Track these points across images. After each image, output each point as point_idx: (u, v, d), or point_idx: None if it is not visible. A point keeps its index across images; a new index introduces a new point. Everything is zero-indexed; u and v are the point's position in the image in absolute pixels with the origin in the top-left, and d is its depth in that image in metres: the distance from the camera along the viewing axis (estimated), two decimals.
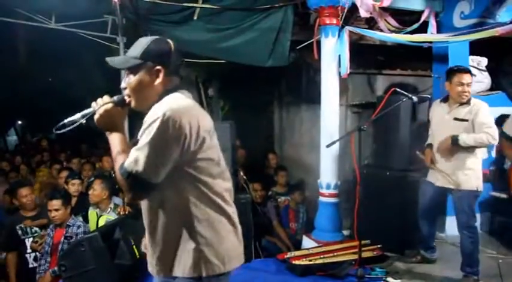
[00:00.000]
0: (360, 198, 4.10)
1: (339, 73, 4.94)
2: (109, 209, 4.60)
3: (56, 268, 4.08)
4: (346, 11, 4.79)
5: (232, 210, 2.05)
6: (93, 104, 1.97)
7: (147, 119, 1.84)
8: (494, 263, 4.51)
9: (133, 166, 1.79)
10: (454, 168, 4.11)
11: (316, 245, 4.88)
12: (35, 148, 12.08)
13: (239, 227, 2.09)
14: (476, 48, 5.47)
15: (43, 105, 15.23)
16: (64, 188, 5.54)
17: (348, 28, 4.85)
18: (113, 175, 6.25)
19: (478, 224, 4.54)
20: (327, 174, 5.03)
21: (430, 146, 4.33)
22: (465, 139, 3.96)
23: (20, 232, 4.74)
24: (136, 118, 2.17)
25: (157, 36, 2.04)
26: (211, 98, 8.72)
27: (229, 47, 5.25)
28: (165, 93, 1.96)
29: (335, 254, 4.50)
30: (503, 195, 5.32)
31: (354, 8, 4.88)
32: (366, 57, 6.10)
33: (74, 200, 5.33)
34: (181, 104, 1.89)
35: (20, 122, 21.88)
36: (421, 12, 5.27)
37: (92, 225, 4.57)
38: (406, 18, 5.55)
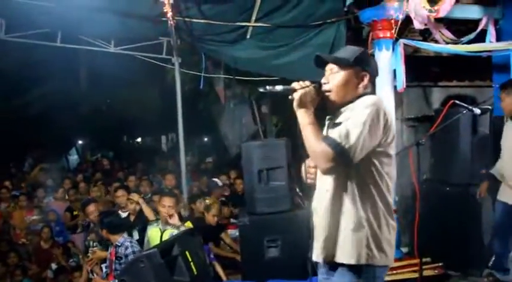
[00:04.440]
0: (419, 214, 3.98)
1: (394, 87, 4.86)
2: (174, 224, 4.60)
3: None
4: (399, 23, 4.72)
5: (392, 209, 2.22)
6: (295, 83, 2.15)
7: (357, 108, 2.10)
8: None
9: (344, 139, 1.99)
10: None
11: None
12: (94, 166, 12.54)
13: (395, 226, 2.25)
14: None
15: (102, 125, 15.82)
16: (120, 206, 5.72)
17: (402, 41, 4.78)
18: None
19: None
20: None
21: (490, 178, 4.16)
22: None
23: (86, 244, 5.00)
24: None
25: (363, 48, 2.35)
26: (265, 115, 8.78)
27: (282, 64, 5.30)
28: (363, 95, 2.21)
29: (394, 272, 4.38)
30: None
31: (407, 20, 4.80)
32: (420, 69, 5.96)
33: (132, 217, 5.51)
34: (382, 102, 2.18)
35: (80, 142, 22.80)
36: (477, 21, 5.12)
37: (155, 241, 4.60)
38: (462, 28, 5.40)
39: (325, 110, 2.32)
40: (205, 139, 20.02)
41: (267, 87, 2.15)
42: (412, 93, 6.19)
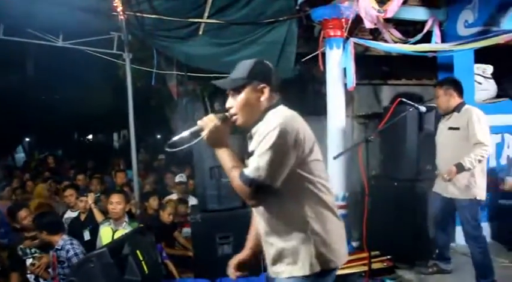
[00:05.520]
0: (368, 209, 4.08)
1: (345, 85, 4.95)
2: (124, 223, 4.54)
3: None
4: (350, 22, 4.82)
5: (336, 209, 2.21)
6: (200, 122, 2.10)
7: (262, 131, 2.04)
8: (507, 272, 4.46)
9: (255, 172, 1.96)
10: (457, 176, 4.08)
11: None
12: (42, 165, 12.14)
13: (343, 224, 2.25)
14: (481, 56, 5.47)
15: (50, 122, 15.33)
16: (69, 205, 5.57)
17: (352, 40, 4.87)
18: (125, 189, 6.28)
19: (487, 232, 4.50)
20: (335, 185, 5.01)
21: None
22: (468, 164, 3.94)
23: (20, 253, 4.66)
24: None
25: (258, 59, 2.24)
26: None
27: (234, 61, 5.25)
28: (269, 108, 2.15)
29: (345, 265, 4.44)
30: None
31: (358, 20, 4.90)
32: (370, 67, 6.11)
33: (82, 217, 5.38)
34: (290, 114, 2.11)
35: (27, 139, 22.01)
36: (424, 22, 5.29)
37: (106, 241, 4.52)
38: (410, 29, 5.57)
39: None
40: (158, 136, 19.81)
41: (174, 138, 2.10)
42: (363, 91, 6.34)
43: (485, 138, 3.96)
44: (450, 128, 4.19)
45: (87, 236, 5.08)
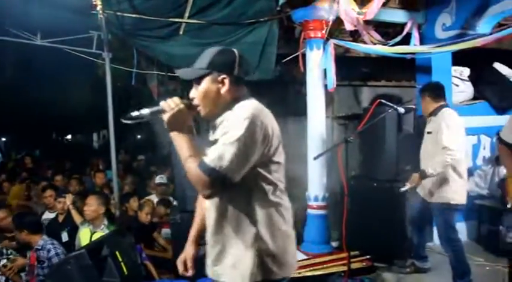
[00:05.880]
0: (348, 209, 4.11)
1: (325, 86, 4.98)
2: (102, 226, 4.49)
3: None
4: (330, 24, 4.85)
5: (290, 216, 2.11)
6: (162, 103, 1.98)
7: (229, 121, 1.91)
8: (482, 270, 4.55)
9: (217, 162, 1.82)
10: (429, 180, 4.16)
11: (305, 257, 4.87)
12: (19, 166, 11.93)
13: (293, 234, 2.14)
14: (458, 58, 5.57)
15: (27, 122, 15.09)
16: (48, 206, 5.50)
17: (332, 41, 4.90)
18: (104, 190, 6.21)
19: (464, 234, 4.59)
20: (315, 186, 5.04)
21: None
22: (431, 170, 4.01)
23: None
24: None
25: (223, 47, 2.11)
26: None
27: None
28: (235, 101, 2.02)
29: (324, 265, 4.50)
30: (488, 204, 5.40)
31: (338, 21, 4.94)
32: (350, 69, 6.16)
33: (60, 218, 5.30)
34: (259, 107, 1.99)
35: (3, 139, 21.64)
36: (404, 25, 5.36)
37: (85, 242, 4.47)
38: (389, 31, 5.64)
39: None
40: (138, 136, 19.66)
41: (132, 113, 1.97)
42: (343, 92, 6.39)
43: (452, 142, 3.96)
44: (428, 133, 4.28)
45: (65, 237, 5.01)
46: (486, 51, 5.34)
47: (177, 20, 5.24)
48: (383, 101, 4.40)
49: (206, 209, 2.16)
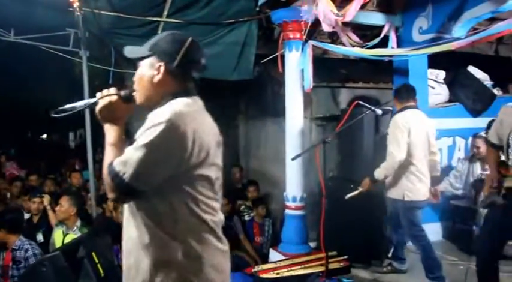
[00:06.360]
0: (325, 210, 4.14)
1: (303, 87, 5.01)
2: (75, 227, 4.43)
3: None
4: (309, 25, 4.87)
5: (219, 233, 1.83)
6: (98, 94, 1.82)
7: (149, 121, 1.68)
8: (456, 269, 4.62)
9: (121, 167, 1.61)
10: (389, 178, 4.31)
11: (283, 257, 4.89)
12: None
13: (227, 250, 1.87)
14: (434, 61, 5.66)
15: (1, 120, 14.77)
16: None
17: (311, 42, 4.93)
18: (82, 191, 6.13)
19: (439, 233, 4.63)
20: (293, 187, 5.06)
21: None
22: (377, 175, 4.18)
23: None
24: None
25: (177, 32, 1.94)
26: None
27: None
28: (171, 96, 1.78)
29: (302, 266, 4.52)
30: (462, 204, 5.50)
31: (317, 23, 4.96)
32: (329, 70, 6.21)
33: (35, 219, 5.21)
34: (188, 110, 1.72)
35: None
36: (381, 27, 5.42)
37: (58, 244, 4.41)
38: (367, 33, 5.70)
39: None
40: None
41: (66, 106, 1.85)
42: (321, 93, 6.44)
43: (394, 147, 4.10)
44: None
45: (40, 238, 4.93)
46: (461, 55, 5.43)
47: (155, 19, 5.19)
48: (361, 102, 4.44)
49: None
